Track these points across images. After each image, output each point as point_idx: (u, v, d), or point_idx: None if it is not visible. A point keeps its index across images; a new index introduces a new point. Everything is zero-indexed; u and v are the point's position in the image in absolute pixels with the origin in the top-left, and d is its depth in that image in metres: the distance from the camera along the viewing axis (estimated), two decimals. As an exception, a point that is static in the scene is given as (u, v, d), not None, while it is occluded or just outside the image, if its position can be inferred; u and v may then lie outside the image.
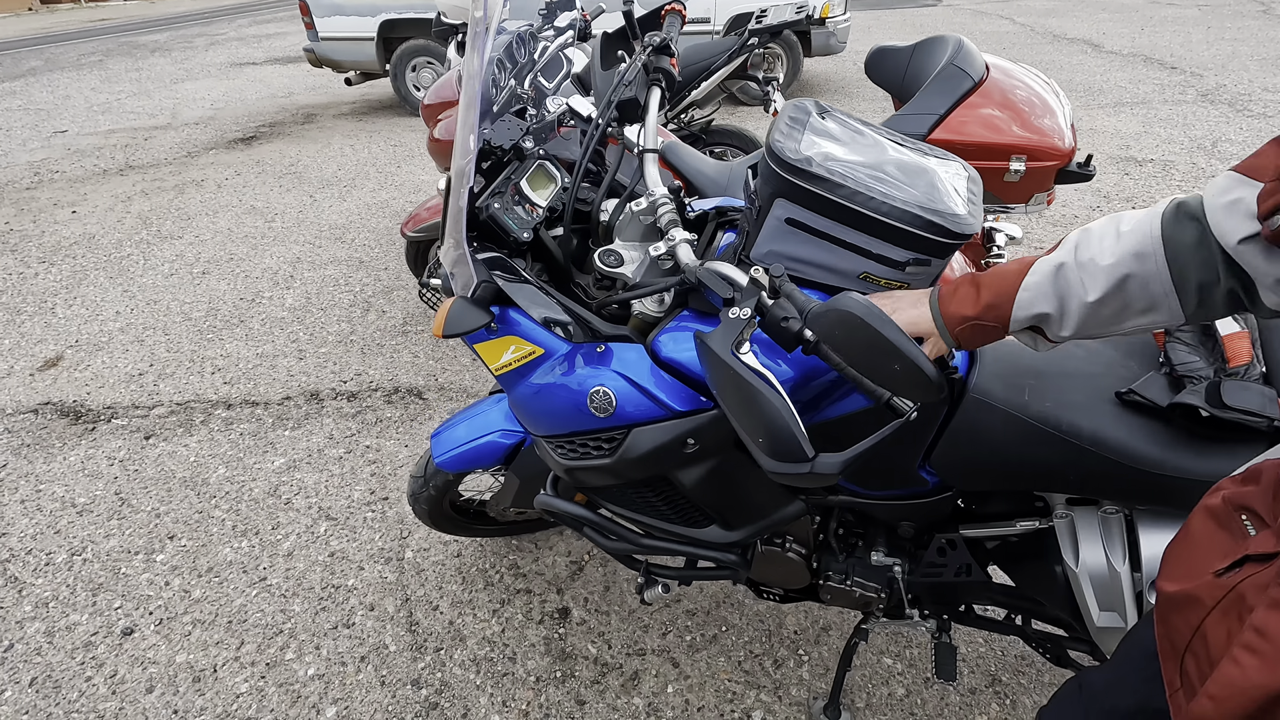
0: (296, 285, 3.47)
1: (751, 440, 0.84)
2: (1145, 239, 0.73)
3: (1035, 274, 0.80)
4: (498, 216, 1.10)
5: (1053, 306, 0.79)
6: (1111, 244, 0.75)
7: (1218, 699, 0.60)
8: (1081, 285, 0.76)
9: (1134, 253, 0.73)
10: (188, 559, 1.99)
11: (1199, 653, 0.66)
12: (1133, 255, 0.73)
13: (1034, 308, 0.80)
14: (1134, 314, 0.76)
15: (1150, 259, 0.72)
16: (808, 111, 0.99)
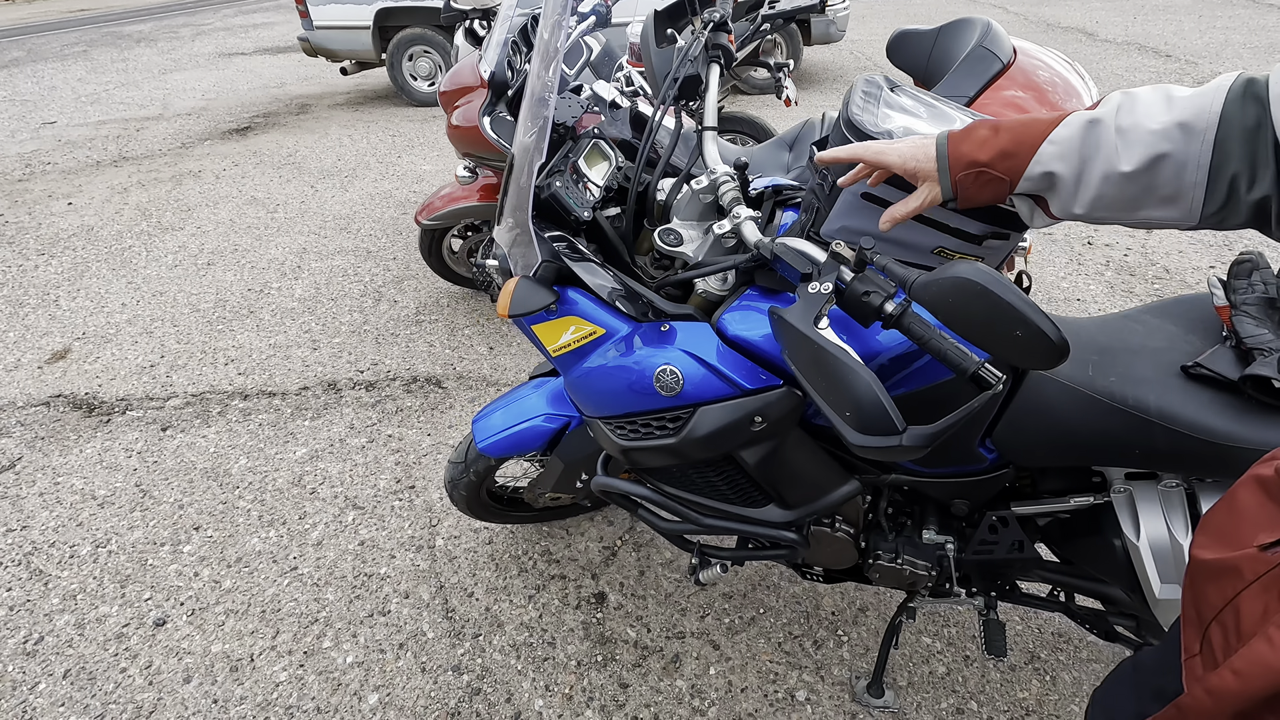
0: (305, 276, 3.43)
1: (838, 414, 0.83)
2: (1201, 112, 0.65)
3: (1067, 126, 0.72)
4: (560, 195, 1.09)
5: (1072, 168, 0.71)
6: (1160, 111, 0.67)
7: (1243, 674, 0.58)
8: (1115, 151, 0.68)
9: (1181, 123, 0.65)
10: (215, 550, 1.97)
11: (1228, 624, 0.63)
12: (1178, 126, 0.65)
13: (1053, 165, 0.72)
14: (1152, 202, 0.69)
15: (1197, 137, 0.64)
16: (880, 85, 0.99)
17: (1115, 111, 0.69)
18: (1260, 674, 0.56)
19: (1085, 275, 3.13)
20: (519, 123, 1.06)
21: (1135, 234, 3.44)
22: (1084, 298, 2.98)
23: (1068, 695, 1.55)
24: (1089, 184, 0.71)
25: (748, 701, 1.56)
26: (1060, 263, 3.24)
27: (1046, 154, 0.72)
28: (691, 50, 1.15)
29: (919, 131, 0.91)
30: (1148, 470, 1.12)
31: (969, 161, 0.76)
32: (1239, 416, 0.97)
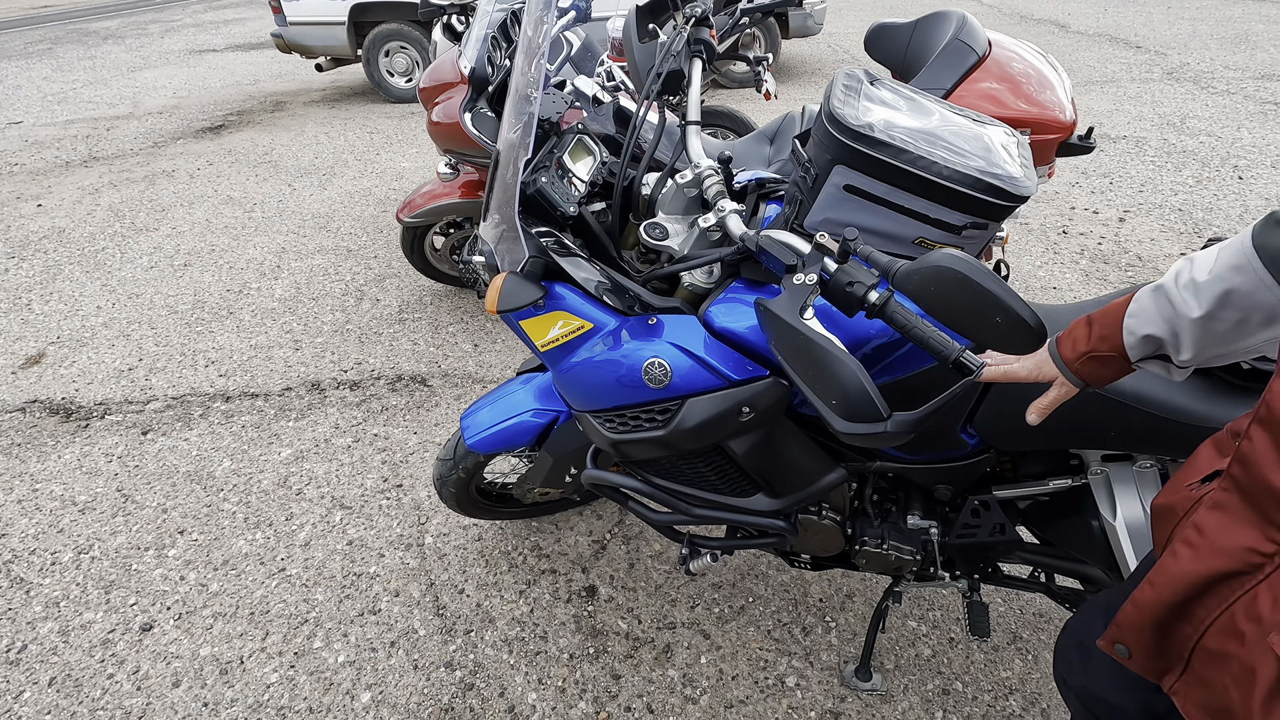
0: (284, 275, 3.40)
1: (824, 403, 0.85)
2: (1238, 252, 0.74)
3: (1139, 299, 0.82)
4: (545, 190, 1.10)
5: (1161, 329, 0.80)
6: (1208, 261, 0.76)
7: (1156, 585, 0.69)
8: (1184, 303, 0.77)
9: (1231, 266, 0.74)
10: (201, 553, 1.95)
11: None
12: (1230, 269, 0.74)
13: (1142, 330, 0.81)
14: (1255, 327, 0.76)
15: (1248, 269, 0.72)
16: (860, 80, 1.00)
17: (1175, 274, 0.79)
18: (1168, 583, 0.67)
19: (1061, 264, 3.19)
20: (504, 119, 1.06)
21: (1109, 223, 3.51)
22: (1060, 285, 3.04)
23: (1048, 674, 1.59)
24: (1184, 335, 0.79)
25: (739, 689, 1.58)
26: (1036, 252, 3.30)
27: (1130, 325, 0.82)
28: (674, 45, 1.16)
29: (898, 124, 0.93)
30: (1123, 452, 1.15)
31: (1078, 354, 0.87)
32: (1209, 397, 1.01)
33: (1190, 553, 0.66)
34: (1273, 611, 0.59)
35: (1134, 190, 3.82)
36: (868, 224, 0.98)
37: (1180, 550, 0.67)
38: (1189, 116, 4.74)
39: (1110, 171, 4.07)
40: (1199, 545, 0.65)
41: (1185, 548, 0.67)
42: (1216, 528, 0.64)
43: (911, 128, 0.94)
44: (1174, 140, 4.38)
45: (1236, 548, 0.62)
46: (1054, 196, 3.82)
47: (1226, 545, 0.63)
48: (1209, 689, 0.66)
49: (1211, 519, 0.65)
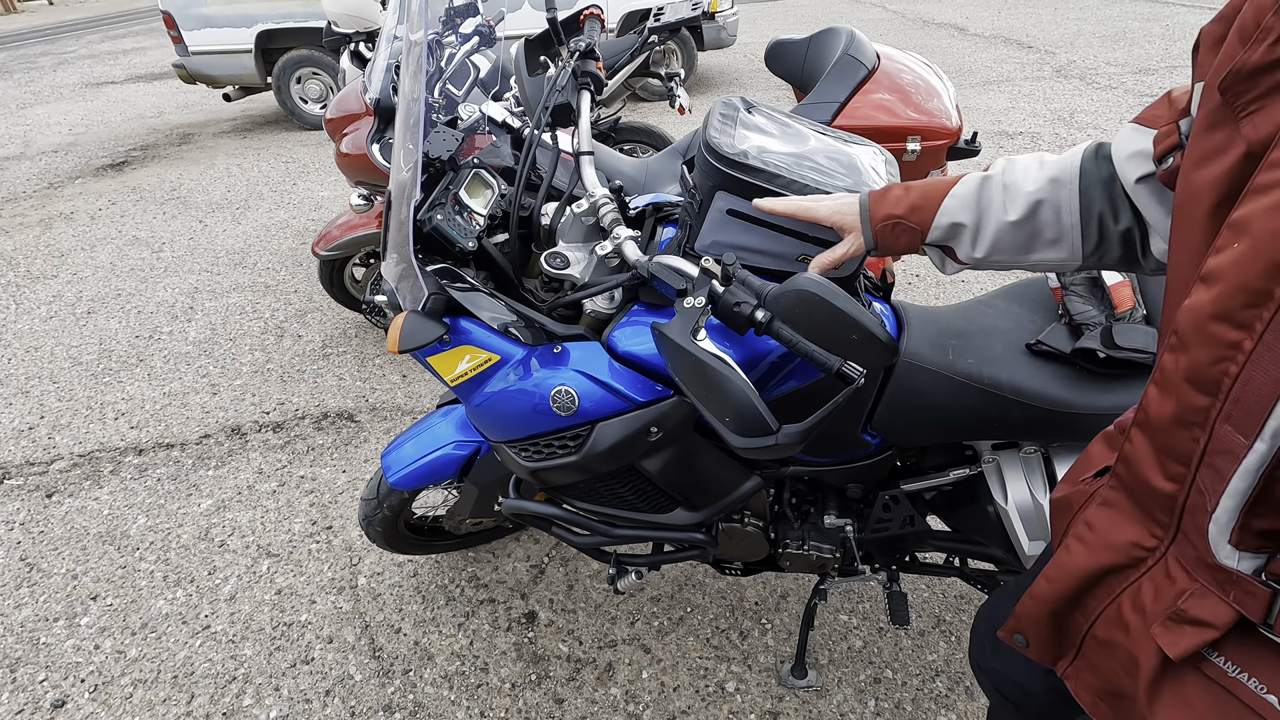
0: (198, 317, 3.27)
1: (719, 420, 0.89)
2: (1065, 169, 0.79)
3: (963, 185, 0.85)
4: (442, 228, 1.10)
5: (971, 219, 0.83)
6: (1035, 171, 0.81)
7: (1052, 579, 0.72)
8: (1003, 205, 0.81)
9: (1052, 178, 0.79)
10: (117, 618, 1.85)
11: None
12: (1050, 181, 0.79)
13: (955, 216, 0.84)
14: (1042, 245, 0.82)
15: (1065, 186, 0.78)
16: (736, 108, 1.05)
17: (1001, 171, 0.83)
18: (1062, 576, 0.70)
19: (967, 257, 3.36)
20: (393, 160, 1.07)
21: (1009, 215, 3.72)
22: (967, 278, 3.20)
23: (972, 652, 1.67)
24: (986, 232, 0.83)
25: (680, 699, 1.60)
26: (945, 247, 3.46)
27: (949, 207, 0.85)
28: (559, 80, 1.19)
29: (772, 150, 0.98)
30: (1009, 440, 1.23)
31: (885, 215, 0.88)
32: (1075, 386, 1.09)
33: (1082, 548, 0.68)
34: (1154, 603, 0.62)
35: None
36: (754, 245, 1.03)
37: (1073, 545, 0.70)
38: (1077, 111, 5.07)
39: (1009, 166, 4.31)
40: (1090, 541, 0.68)
41: (1078, 543, 0.69)
42: (1106, 524, 0.67)
43: (784, 152, 0.99)
44: (1065, 134, 4.68)
45: (1123, 543, 0.64)
46: (959, 193, 4.02)
47: (1115, 540, 0.65)
48: (1099, 674, 0.70)
49: (1101, 516, 0.67)
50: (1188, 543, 0.59)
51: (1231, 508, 0.53)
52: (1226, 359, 0.51)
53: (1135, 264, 0.81)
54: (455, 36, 2.03)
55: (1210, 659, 0.58)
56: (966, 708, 1.56)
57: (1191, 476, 0.56)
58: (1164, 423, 0.57)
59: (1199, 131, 0.57)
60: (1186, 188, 0.59)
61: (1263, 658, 0.56)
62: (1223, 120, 0.54)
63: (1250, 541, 0.54)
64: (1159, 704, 0.62)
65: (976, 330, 1.20)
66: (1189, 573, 0.59)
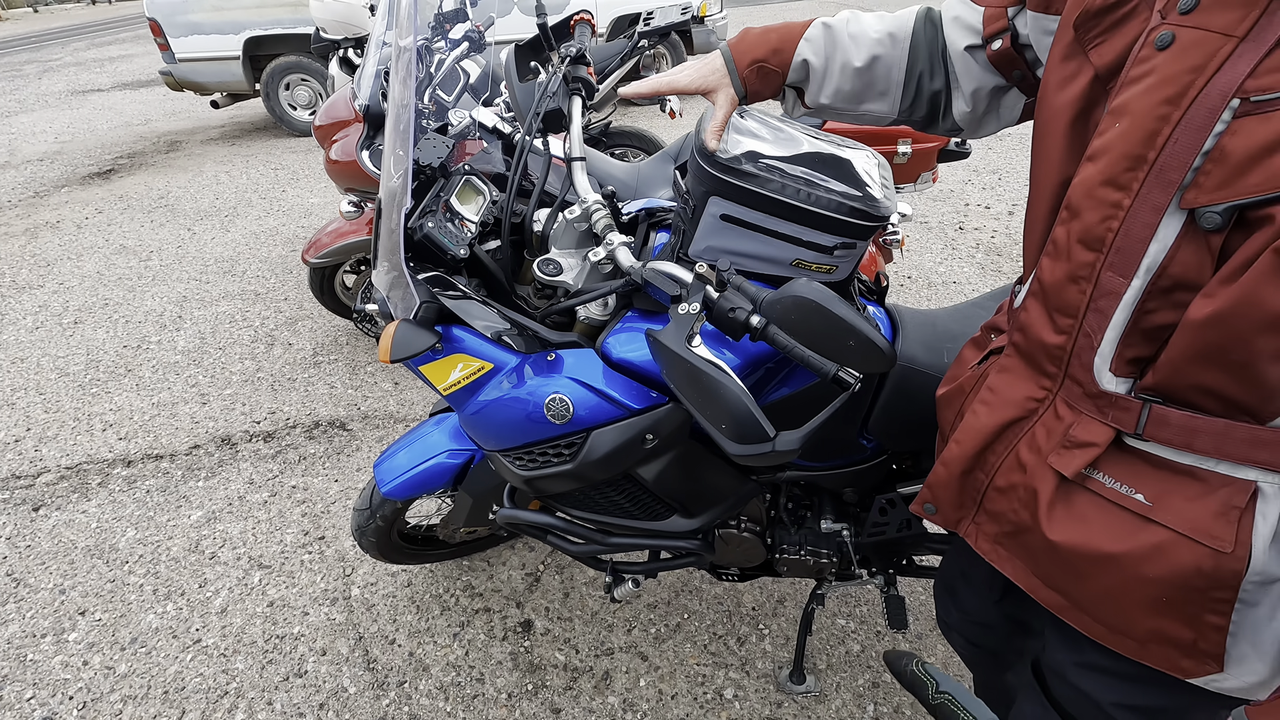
0: (187, 326, 3.24)
1: (714, 428, 0.88)
2: (900, 27, 0.90)
3: (814, 28, 0.93)
4: (433, 235, 1.09)
5: (821, 61, 0.91)
6: (876, 24, 0.91)
7: (960, 441, 0.82)
8: (848, 51, 0.91)
9: (890, 33, 0.89)
10: (106, 633, 1.83)
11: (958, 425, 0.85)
12: (889, 35, 0.89)
13: (809, 56, 0.92)
14: (872, 96, 0.92)
15: (900, 43, 0.89)
16: (728, 113, 1.04)
17: (846, 21, 0.92)
18: (970, 437, 0.80)
19: (959, 259, 3.38)
20: (383, 167, 1.06)
21: (1000, 216, 3.74)
22: (959, 280, 3.21)
23: (969, 654, 1.66)
24: (832, 75, 0.92)
25: (678, 707, 1.59)
26: (937, 248, 3.48)
27: (804, 48, 0.92)
28: (550, 86, 1.18)
29: (765, 154, 0.98)
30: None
31: (750, 60, 0.93)
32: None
33: (985, 409, 0.79)
34: (1047, 441, 0.74)
35: (1020, 184, 4.08)
36: (747, 249, 1.02)
37: (978, 409, 0.80)
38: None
39: (999, 168, 4.34)
40: (992, 402, 0.79)
41: (982, 405, 0.80)
42: (1004, 385, 0.78)
43: (779, 157, 0.98)
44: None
45: (1020, 398, 0.76)
46: (950, 195, 4.04)
47: (1012, 397, 0.77)
48: (998, 520, 0.80)
49: (1000, 380, 0.79)
50: (1074, 383, 0.71)
51: (1112, 339, 0.66)
52: (1110, 217, 0.63)
53: (933, 124, 0.94)
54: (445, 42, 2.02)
55: (1094, 477, 0.71)
56: (965, 711, 1.56)
57: (1079, 326, 0.68)
58: (1056, 284, 0.69)
59: (1055, 62, 0.71)
60: (1046, 109, 0.72)
61: (1132, 467, 0.69)
62: (1074, 53, 0.68)
63: (1124, 369, 0.66)
64: (1055, 523, 0.73)
65: (970, 332, 1.19)
66: (1073, 408, 0.72)
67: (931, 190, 4.09)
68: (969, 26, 0.84)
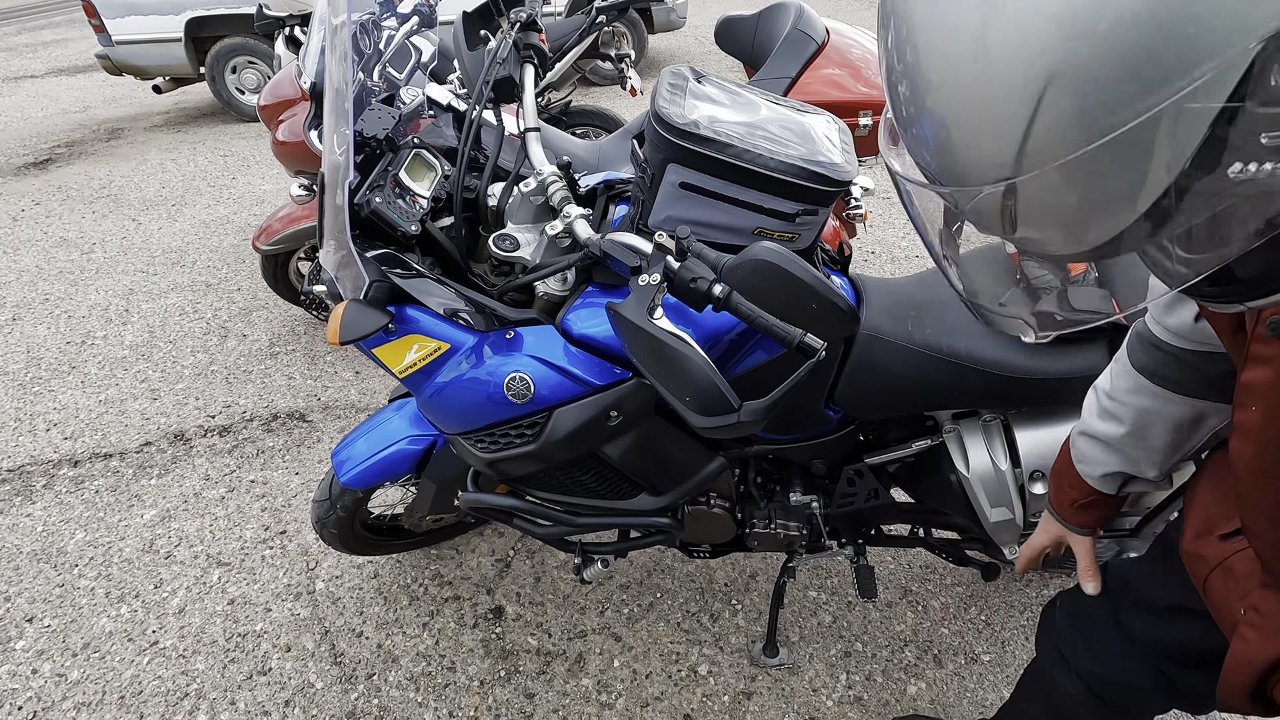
0: (135, 319, 3.10)
1: (679, 400, 0.86)
2: (1128, 376, 0.80)
3: (1075, 446, 0.88)
4: (381, 211, 1.05)
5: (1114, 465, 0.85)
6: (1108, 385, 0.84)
7: (1235, 670, 0.69)
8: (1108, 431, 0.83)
9: (1129, 390, 0.80)
10: (56, 640, 1.75)
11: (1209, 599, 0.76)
12: (1129, 393, 0.80)
13: (1098, 472, 0.86)
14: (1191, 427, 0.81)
15: (1146, 391, 0.79)
16: (685, 77, 1.02)
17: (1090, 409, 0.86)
18: (1244, 668, 0.68)
19: (921, 233, 3.40)
20: (324, 140, 1.01)
21: (959, 191, 3.78)
22: (921, 254, 3.24)
23: (938, 620, 1.69)
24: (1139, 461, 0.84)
25: (653, 686, 1.58)
26: (899, 223, 3.50)
27: (1085, 471, 0.88)
28: (500, 52, 1.14)
29: (723, 119, 0.95)
30: (969, 409, 1.24)
31: (1065, 507, 0.92)
32: (1032, 351, 1.09)
33: (1257, 635, 0.67)
34: None
35: (979, 159, 4.12)
36: (708, 219, 1.00)
37: (1247, 634, 0.68)
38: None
39: (957, 143, 4.38)
40: (1264, 627, 0.67)
41: (1251, 630, 0.68)
42: (1275, 609, 0.66)
43: (736, 122, 0.96)
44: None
45: None
46: (910, 170, 4.07)
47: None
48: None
49: (1269, 600, 0.66)
50: None
51: None
52: None
53: None
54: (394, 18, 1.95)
55: None
56: (935, 675, 1.58)
57: None
58: None
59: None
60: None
61: None
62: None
63: None
64: None
65: (934, 300, 1.19)
66: None
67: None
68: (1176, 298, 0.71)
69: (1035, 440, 1.18)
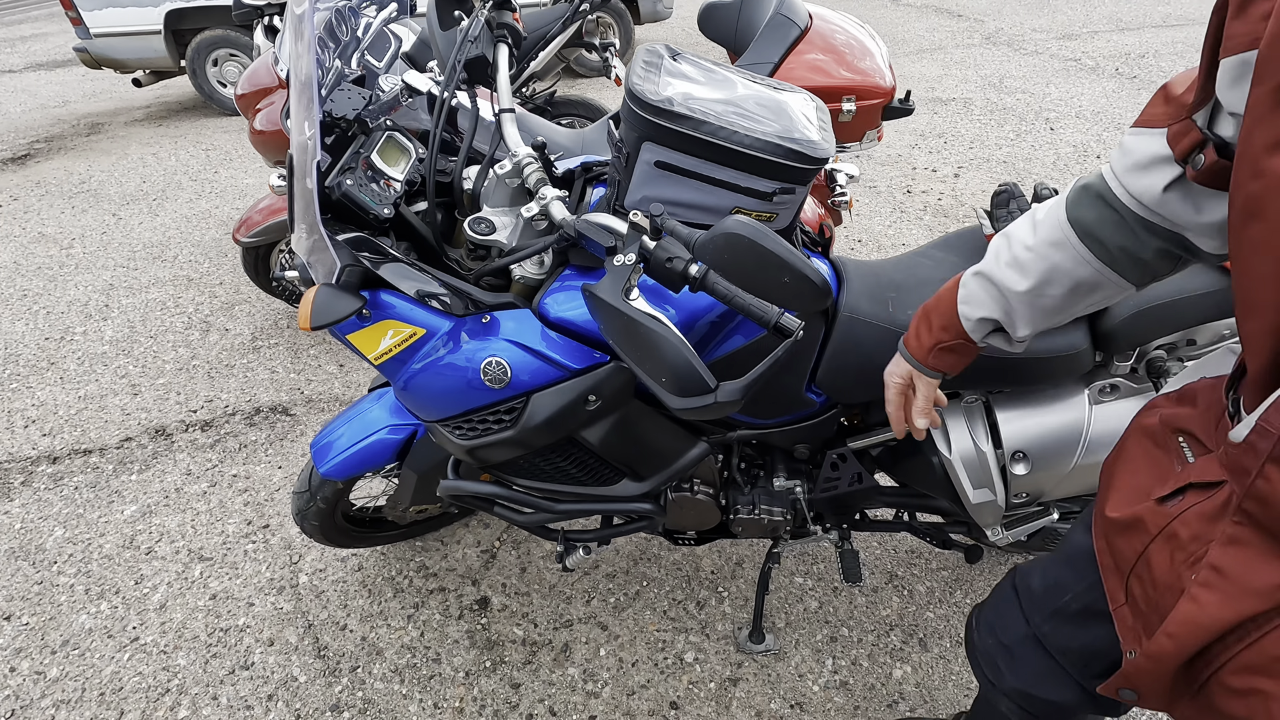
0: (115, 315, 3.06)
1: (655, 382, 0.85)
2: (1055, 227, 0.75)
3: (965, 285, 0.85)
4: (352, 194, 1.03)
5: (993, 310, 0.82)
6: (1026, 235, 0.78)
7: (1177, 636, 0.62)
8: (1011, 281, 0.79)
9: (1050, 242, 0.76)
10: (34, 637, 1.72)
11: (1144, 576, 0.69)
12: (1049, 244, 0.76)
13: (976, 314, 0.84)
14: (1081, 295, 0.78)
15: (1066, 245, 0.75)
16: (660, 55, 1.00)
17: (994, 255, 0.82)
18: (1192, 632, 0.62)
19: (907, 221, 3.40)
20: (292, 121, 0.98)
21: (946, 179, 3.78)
22: (908, 242, 3.24)
23: (923, 605, 1.69)
24: (1016, 311, 0.81)
25: (639, 674, 1.58)
26: (885, 212, 3.50)
27: (964, 311, 0.85)
28: (472, 30, 1.12)
29: (698, 96, 0.94)
30: (951, 390, 1.23)
31: (926, 348, 0.89)
32: (1011, 331, 1.08)
33: (1216, 597, 0.60)
34: None
35: (965, 147, 4.13)
36: (684, 198, 0.99)
37: (1202, 595, 0.61)
38: (1006, 77, 5.18)
39: (944, 132, 4.38)
40: (1223, 589, 0.60)
41: (1208, 591, 0.61)
42: (1240, 568, 0.59)
43: (711, 99, 0.94)
44: (995, 99, 4.77)
45: (1268, 586, 0.58)
46: (897, 159, 4.06)
47: (1255, 584, 0.58)
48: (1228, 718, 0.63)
49: (1232, 559, 0.60)
50: None
51: None
52: None
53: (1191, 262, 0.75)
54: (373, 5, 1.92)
55: None
56: (920, 659, 1.59)
57: None
58: None
59: (1265, 112, 0.50)
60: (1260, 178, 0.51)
61: None
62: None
63: None
64: None
65: (914, 281, 1.19)
66: None
67: (878, 154, 4.11)
68: (1159, 158, 0.65)
69: (1016, 421, 1.18)
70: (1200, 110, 0.61)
